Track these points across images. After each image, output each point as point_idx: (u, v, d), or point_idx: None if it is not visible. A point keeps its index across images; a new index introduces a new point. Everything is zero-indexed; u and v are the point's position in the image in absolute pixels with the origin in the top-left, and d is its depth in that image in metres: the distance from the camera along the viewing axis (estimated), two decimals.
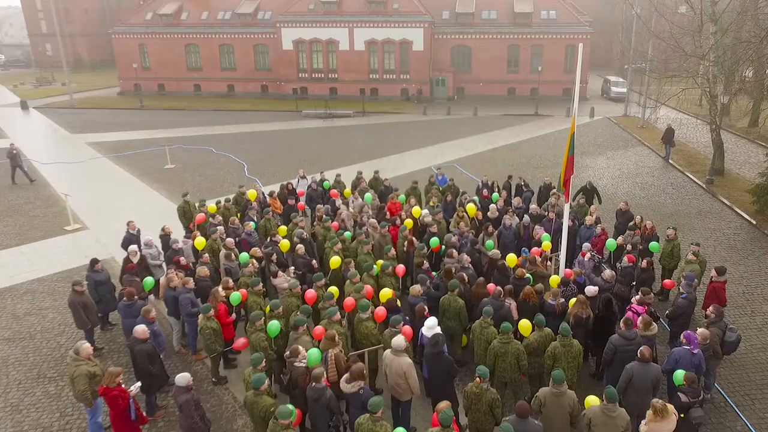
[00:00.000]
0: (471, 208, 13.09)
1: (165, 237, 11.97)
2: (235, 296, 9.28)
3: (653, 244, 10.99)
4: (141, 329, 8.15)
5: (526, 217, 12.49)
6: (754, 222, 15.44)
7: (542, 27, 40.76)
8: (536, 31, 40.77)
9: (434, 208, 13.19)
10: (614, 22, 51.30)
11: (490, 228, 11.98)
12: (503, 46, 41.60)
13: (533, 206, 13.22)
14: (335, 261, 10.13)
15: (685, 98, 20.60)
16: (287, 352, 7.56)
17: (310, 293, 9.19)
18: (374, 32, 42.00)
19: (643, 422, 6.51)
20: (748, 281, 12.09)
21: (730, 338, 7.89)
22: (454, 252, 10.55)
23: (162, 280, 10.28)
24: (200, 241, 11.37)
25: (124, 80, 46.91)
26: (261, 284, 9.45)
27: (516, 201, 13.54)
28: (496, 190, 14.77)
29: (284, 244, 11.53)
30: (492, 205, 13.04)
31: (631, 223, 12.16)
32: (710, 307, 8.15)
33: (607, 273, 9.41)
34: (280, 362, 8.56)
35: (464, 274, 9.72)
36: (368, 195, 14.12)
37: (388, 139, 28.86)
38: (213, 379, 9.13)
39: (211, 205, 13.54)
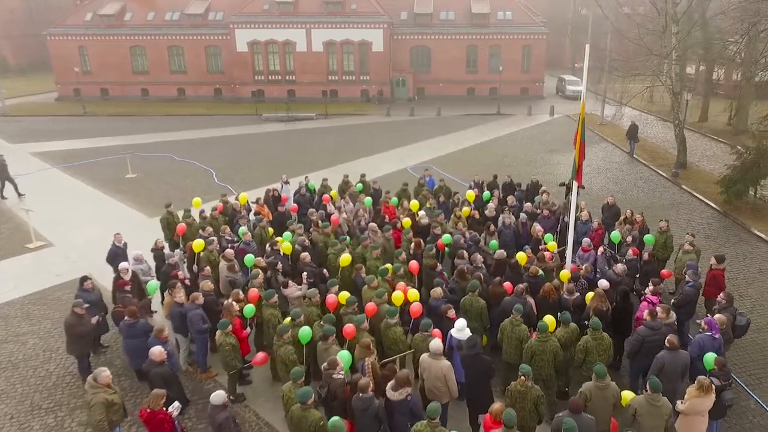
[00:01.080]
0: (465, 210, 13.36)
1: (158, 251, 11.42)
2: (249, 309, 9.04)
3: (648, 237, 11.60)
4: (158, 351, 7.79)
5: (523, 215, 12.86)
6: (723, 211, 16.62)
7: (499, 27, 42.01)
8: (493, 32, 41.97)
9: (432, 210, 13.32)
10: (564, 22, 53.70)
11: (492, 227, 12.26)
12: (462, 46, 42.53)
13: (527, 204, 13.62)
14: (346, 259, 10.00)
15: (641, 96, 21.87)
16: (325, 364, 7.43)
17: (331, 299, 9.08)
18: (332, 33, 41.84)
19: (679, 402, 6.88)
20: (730, 267, 12.95)
21: (740, 322, 8.47)
22: (465, 253, 10.71)
23: (167, 296, 9.82)
24: (199, 243, 10.98)
25: (62, 85, 44.20)
26: (276, 296, 9.23)
27: (510, 199, 13.90)
28: (486, 189, 15.10)
29: (285, 248, 11.24)
30: (490, 205, 13.32)
31: (623, 217, 12.78)
32: (720, 294, 8.74)
33: (619, 267, 9.84)
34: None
35: (480, 274, 9.89)
36: (368, 199, 14.09)
37: (356, 141, 28.84)
38: (230, 397, 8.80)
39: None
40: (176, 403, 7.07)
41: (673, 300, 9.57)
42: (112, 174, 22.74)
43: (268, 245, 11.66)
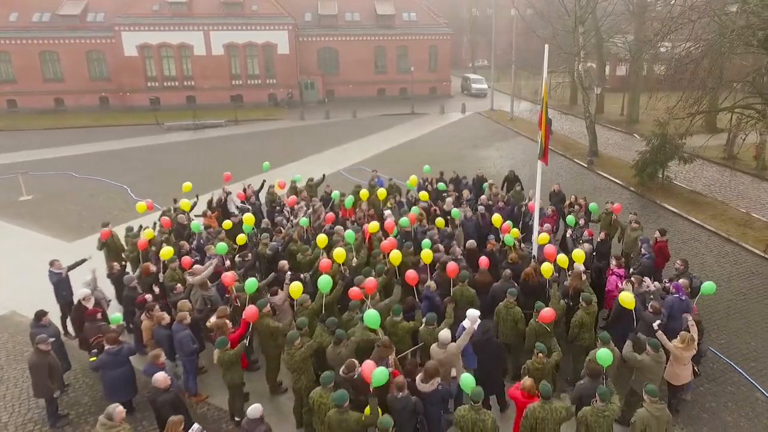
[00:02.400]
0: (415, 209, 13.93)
1: (116, 275, 10.59)
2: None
3: (593, 205, 13.13)
4: (162, 377, 7.40)
5: (481, 207, 13.73)
6: (638, 192, 18.99)
7: (405, 28, 43.65)
8: (400, 33, 43.50)
9: (393, 209, 13.72)
10: (460, 22, 57.06)
11: (456, 221, 12.97)
12: (369, 47, 43.53)
13: (483, 196, 14.55)
14: (340, 254, 10.07)
15: (534, 91, 24.15)
16: (343, 368, 7.50)
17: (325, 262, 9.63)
18: (233, 35, 40.69)
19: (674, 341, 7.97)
20: None
21: (695, 284, 9.91)
22: (440, 246, 11.24)
23: (145, 320, 9.18)
24: (167, 251, 10.42)
25: None
26: (269, 305, 9.07)
27: (465, 193, 14.74)
28: (435, 185, 15.85)
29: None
30: (448, 200, 14.03)
31: (568, 202, 14.18)
32: (678, 261, 10.16)
33: (586, 246, 10.97)
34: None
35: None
36: (349, 198, 14.19)
37: (278, 146, 28.40)
38: (236, 418, 8.51)
39: (148, 230, 12.22)
40: (196, 425, 6.77)
41: (633, 272, 10.87)
42: (2, 197, 20.27)
43: (237, 256, 11.34)
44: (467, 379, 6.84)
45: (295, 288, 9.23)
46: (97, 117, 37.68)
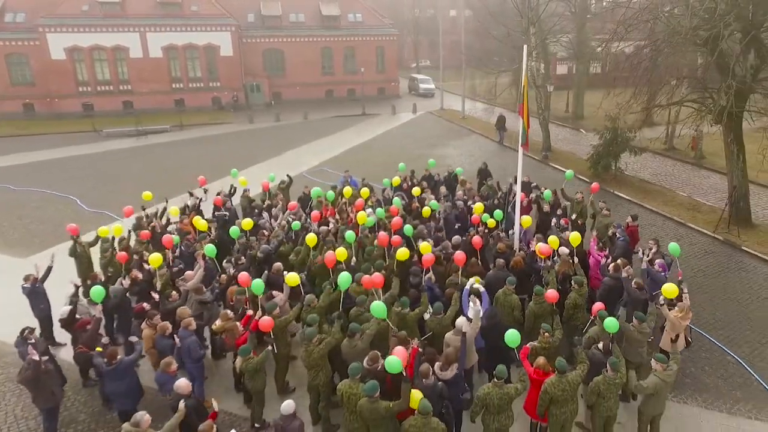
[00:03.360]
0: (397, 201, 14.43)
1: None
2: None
3: (568, 172, 14.39)
4: (184, 383, 7.42)
5: (459, 202, 14.39)
6: (590, 182, 20.41)
7: (351, 29, 44.06)
8: (346, 34, 43.86)
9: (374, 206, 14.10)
10: (403, 23, 58.17)
11: (437, 216, 13.56)
12: (316, 48, 43.58)
13: (459, 192, 15.23)
14: (342, 253, 10.32)
15: (487, 89, 25.29)
16: (366, 359, 7.79)
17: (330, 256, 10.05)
18: (172, 37, 39.51)
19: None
20: None
21: (668, 261, 10.97)
22: (431, 241, 11.73)
23: (145, 329, 9.02)
24: (156, 258, 10.27)
25: None
26: (278, 308, 9.19)
27: (442, 190, 15.37)
28: (410, 183, 16.38)
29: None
30: (430, 196, 14.63)
31: (538, 193, 15.12)
32: (650, 240, 11.21)
33: (568, 234, 11.85)
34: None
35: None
36: (330, 193, 14.53)
37: (231, 151, 27.95)
38: (255, 425, 8.55)
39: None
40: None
41: (610, 254, 11.81)
42: None
43: (226, 261, 11.30)
44: (513, 335, 7.87)
45: (292, 278, 9.56)
46: (21, 125, 35.45)
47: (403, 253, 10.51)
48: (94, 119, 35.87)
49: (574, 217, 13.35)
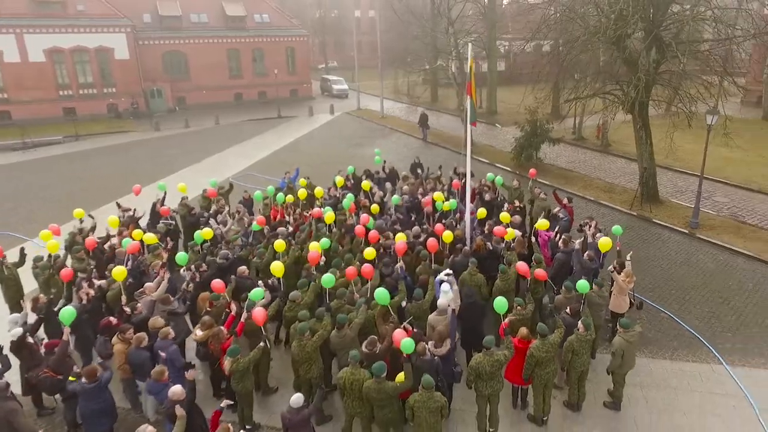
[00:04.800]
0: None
1: (46, 306, 9.78)
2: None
3: (497, 178, 15.63)
4: (179, 389, 7.42)
5: (406, 197, 15.20)
6: (517, 172, 22.22)
7: (259, 30, 43.51)
8: (253, 35, 43.25)
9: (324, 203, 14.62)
10: (310, 23, 58.38)
11: (390, 210, 14.29)
12: (222, 50, 42.54)
13: (405, 187, 16.03)
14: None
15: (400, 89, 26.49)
16: (366, 343, 8.28)
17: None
18: (56, 39, 36.65)
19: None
20: None
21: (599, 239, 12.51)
22: (390, 234, 12.39)
23: (117, 343, 8.75)
24: (120, 271, 10.04)
25: None
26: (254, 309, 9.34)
27: (388, 185, 16.09)
28: (352, 182, 16.94)
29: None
30: (377, 192, 15.27)
31: (478, 184, 16.34)
32: (586, 218, 12.74)
33: (517, 218, 13.06)
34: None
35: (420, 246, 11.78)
36: (280, 195, 14.56)
37: (142, 160, 26.66)
38: (247, 426, 8.66)
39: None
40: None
41: (556, 232, 13.16)
42: None
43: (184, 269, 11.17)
44: (501, 302, 8.81)
45: (277, 266, 10.26)
46: None
47: (370, 252, 11.09)
48: None
49: (516, 203, 14.62)
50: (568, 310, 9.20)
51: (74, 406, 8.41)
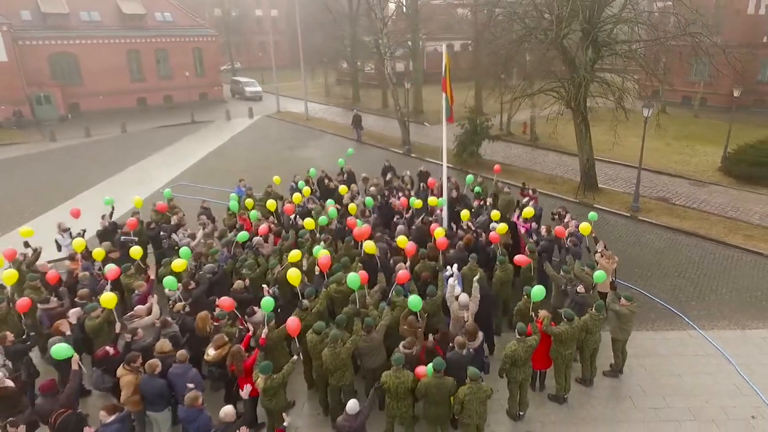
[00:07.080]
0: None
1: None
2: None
3: (469, 178, 16.54)
4: (231, 410, 7.38)
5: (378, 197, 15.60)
6: (460, 168, 23.31)
7: (161, 30, 41.27)
8: (155, 35, 40.94)
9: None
10: (214, 23, 56.32)
11: (366, 212, 14.53)
12: (120, 51, 39.82)
13: (372, 189, 16.35)
14: (318, 251, 10.73)
15: (331, 91, 26.87)
16: (403, 344, 8.53)
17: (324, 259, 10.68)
18: None
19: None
20: None
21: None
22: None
23: (125, 373, 8.19)
24: (110, 298, 9.49)
25: None
26: (273, 320, 9.21)
27: (354, 187, 16.32)
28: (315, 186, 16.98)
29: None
30: (345, 196, 15.46)
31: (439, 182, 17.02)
32: (558, 208, 13.83)
33: (495, 212, 13.85)
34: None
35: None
36: (332, 210, 14.10)
37: (44, 175, 24.37)
38: None
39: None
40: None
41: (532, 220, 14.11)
42: None
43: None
44: (540, 290, 9.36)
45: (294, 273, 10.01)
46: None
47: (370, 246, 11.31)
48: None
49: (485, 200, 15.47)
50: (580, 288, 10.04)
51: None
